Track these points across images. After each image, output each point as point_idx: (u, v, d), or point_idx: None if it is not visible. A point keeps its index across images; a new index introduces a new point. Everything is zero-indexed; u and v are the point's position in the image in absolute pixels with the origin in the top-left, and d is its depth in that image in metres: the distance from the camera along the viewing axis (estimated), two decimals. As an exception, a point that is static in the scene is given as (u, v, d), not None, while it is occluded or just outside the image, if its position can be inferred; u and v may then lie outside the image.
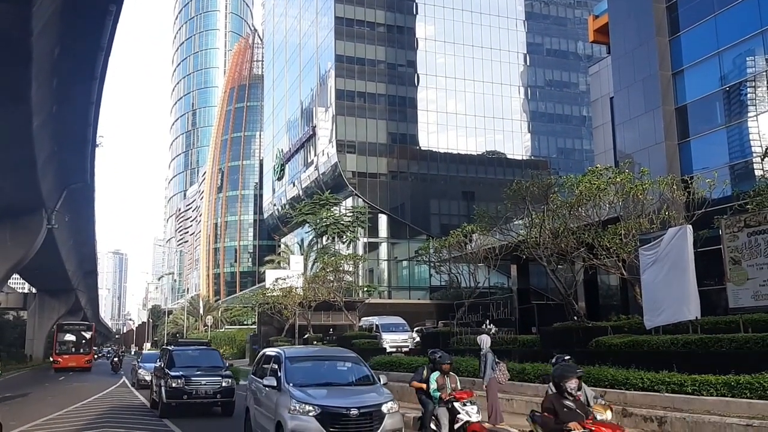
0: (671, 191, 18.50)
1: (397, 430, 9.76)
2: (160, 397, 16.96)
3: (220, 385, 16.75)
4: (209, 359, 18.62)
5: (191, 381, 16.61)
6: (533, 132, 72.95)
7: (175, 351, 18.61)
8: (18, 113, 20.81)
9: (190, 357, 18.50)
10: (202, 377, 16.82)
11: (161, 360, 19.00)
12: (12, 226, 31.27)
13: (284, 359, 10.75)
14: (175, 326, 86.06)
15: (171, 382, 16.45)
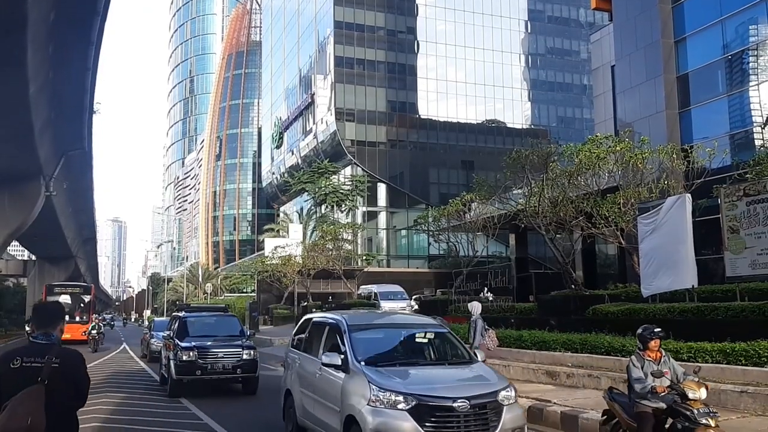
0: (671, 160, 18.49)
1: (519, 428, 7.11)
2: (168, 373, 14.36)
3: (241, 358, 13.98)
4: (227, 327, 15.84)
5: (206, 353, 13.94)
6: (533, 100, 72.51)
7: (188, 318, 15.76)
8: (14, 79, 20.62)
9: (205, 325, 15.90)
10: (218, 348, 14.15)
11: (170, 329, 16.29)
12: (10, 192, 31.22)
13: (346, 328, 7.88)
14: (175, 294, 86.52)
15: (182, 354, 13.79)
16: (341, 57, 64.49)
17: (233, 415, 11.87)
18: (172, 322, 16.81)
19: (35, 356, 4.11)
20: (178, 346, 14.12)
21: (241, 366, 13.97)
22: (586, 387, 12.12)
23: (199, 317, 16.42)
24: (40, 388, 3.94)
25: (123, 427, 10.25)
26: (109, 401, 13.13)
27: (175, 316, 17.34)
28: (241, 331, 15.76)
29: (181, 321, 15.46)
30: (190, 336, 14.68)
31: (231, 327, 15.95)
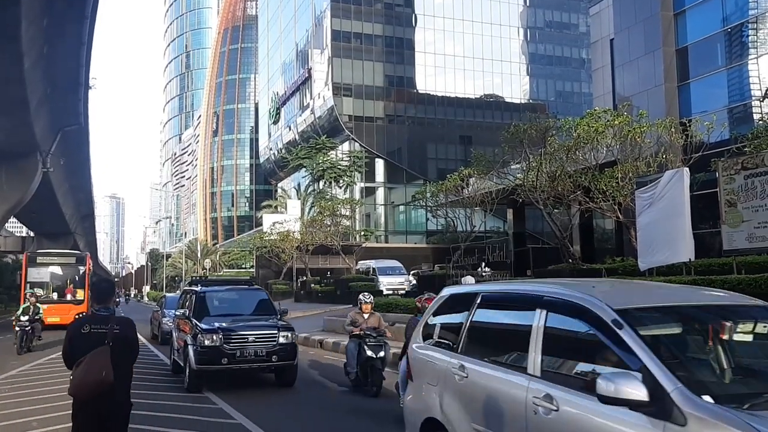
0: (669, 134, 18.46)
1: None
2: (186, 361, 11.49)
3: (276, 342, 11.38)
4: (255, 303, 13.27)
5: (234, 337, 11.26)
6: (532, 75, 72.08)
7: (206, 293, 12.99)
8: (8, 52, 20.47)
9: (228, 301, 13.30)
10: (249, 330, 11.55)
11: (184, 306, 13.56)
12: (7, 169, 31.17)
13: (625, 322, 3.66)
14: (174, 270, 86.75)
15: (203, 338, 11.10)
16: (338, 31, 63.92)
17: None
18: (184, 298, 14.06)
19: (100, 324, 5.21)
20: (197, 328, 11.39)
21: (277, 352, 11.34)
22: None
23: (219, 291, 13.60)
24: (106, 349, 5.02)
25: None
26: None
27: (188, 290, 14.17)
28: (272, 308, 13.00)
29: (198, 296, 12.66)
30: (211, 315, 12.11)
31: (259, 303, 13.24)
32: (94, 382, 4.90)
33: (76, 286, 29.18)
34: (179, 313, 13.30)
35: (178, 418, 9.04)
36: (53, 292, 28.74)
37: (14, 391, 11.54)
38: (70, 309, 26.74)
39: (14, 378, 13.25)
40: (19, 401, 10.38)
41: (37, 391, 11.35)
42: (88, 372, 4.92)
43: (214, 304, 12.83)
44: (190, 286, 14.72)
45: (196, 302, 12.51)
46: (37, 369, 14.73)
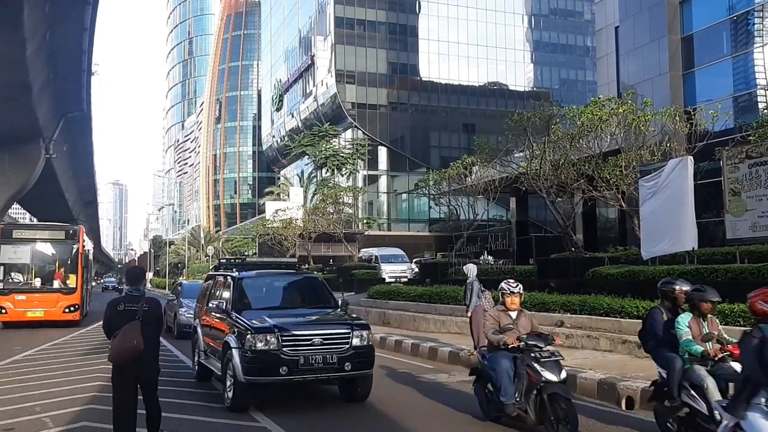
0: (673, 123, 18.35)
1: None
2: (226, 369, 8.81)
3: (350, 345, 8.65)
4: (308, 293, 10.68)
5: (295, 338, 8.50)
6: (536, 62, 71.74)
7: (245, 279, 10.09)
8: (11, 37, 20.42)
9: (275, 290, 10.50)
10: (314, 329, 8.91)
11: (213, 295, 10.76)
12: (10, 154, 31.19)
13: None
14: (177, 256, 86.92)
15: (255, 340, 8.35)
16: (341, 18, 63.59)
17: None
18: (213, 286, 11.19)
19: (132, 303, 6.46)
20: (244, 326, 8.60)
21: (351, 358, 8.54)
22: (585, 347, 12.25)
23: (263, 277, 10.65)
24: (137, 323, 6.25)
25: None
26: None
27: (218, 276, 11.21)
28: (330, 298, 10.23)
29: (238, 284, 9.85)
30: (254, 308, 9.43)
31: (314, 292, 10.58)
32: (128, 349, 6.15)
33: (67, 270, 22.22)
34: (212, 306, 10.12)
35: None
36: (36, 277, 22.04)
37: (17, 376, 11.59)
38: (58, 300, 21.32)
39: (18, 363, 13.32)
40: (23, 386, 10.43)
41: (38, 376, 11.41)
42: (123, 342, 6.18)
43: (258, 293, 10.11)
44: (219, 270, 11.63)
45: (236, 291, 9.68)
46: (41, 354, 14.80)
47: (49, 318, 21.24)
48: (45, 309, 21.25)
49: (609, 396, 8.79)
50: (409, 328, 17.51)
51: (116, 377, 6.36)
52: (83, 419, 7.97)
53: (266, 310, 9.30)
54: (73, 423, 7.81)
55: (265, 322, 8.62)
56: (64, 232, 23.47)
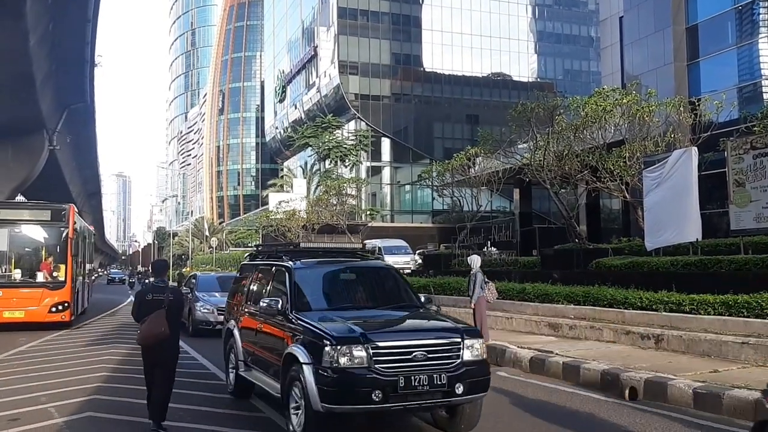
0: (678, 113, 18.26)
1: None
2: (288, 392, 6.76)
3: (460, 360, 6.55)
4: (383, 287, 8.48)
5: (391, 351, 6.39)
6: (540, 53, 71.44)
7: (303, 270, 7.95)
8: (14, 29, 20.39)
9: (342, 284, 8.45)
10: (412, 337, 6.72)
11: (254, 290, 8.82)
12: (14, 146, 31.19)
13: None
14: (181, 248, 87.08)
15: (335, 354, 6.24)
16: (344, 8, 63.35)
17: None
18: (253, 279, 9.03)
19: (158, 293, 7.22)
20: (314, 333, 6.57)
21: (464, 377, 6.43)
22: (588, 338, 12.26)
23: (324, 268, 8.46)
24: (163, 311, 7.03)
25: None
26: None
27: (256, 266, 9.28)
28: (411, 295, 8.17)
29: (293, 276, 7.72)
30: (320, 308, 7.44)
31: (389, 287, 8.40)
32: (156, 334, 6.96)
33: (54, 260, 18.34)
34: (263, 305, 7.59)
35: None
36: (15, 268, 18.15)
37: (22, 367, 11.65)
38: (42, 297, 17.41)
39: (23, 353, 13.38)
40: (28, 377, 10.48)
41: (43, 367, 11.46)
42: (151, 327, 6.96)
43: (322, 288, 8.12)
44: (257, 258, 9.72)
45: (293, 286, 7.57)
46: (45, 345, 14.86)
47: (31, 319, 17.21)
48: (26, 308, 17.19)
49: (612, 387, 8.80)
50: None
51: (144, 357, 7.27)
52: (88, 409, 8.01)
53: (336, 310, 7.32)
54: (78, 413, 7.85)
55: (346, 329, 6.49)
56: (49, 212, 18.78)
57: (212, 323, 16.06)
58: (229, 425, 7.41)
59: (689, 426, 7.07)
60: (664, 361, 9.66)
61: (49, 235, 18.69)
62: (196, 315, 16.72)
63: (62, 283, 17.91)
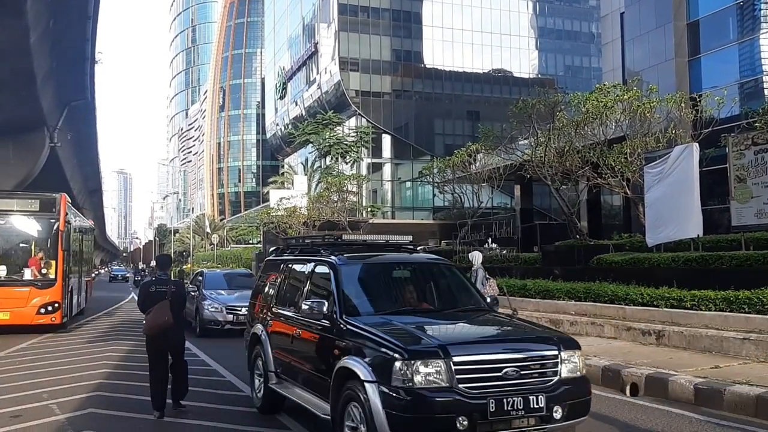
0: (679, 109, 18.26)
1: None
2: (342, 416, 5.62)
3: (558, 377, 5.43)
4: (444, 287, 7.35)
5: (475, 368, 5.23)
6: (541, 49, 71.31)
7: (351, 267, 6.97)
8: (14, 26, 20.34)
9: (394, 284, 7.32)
10: (499, 352, 5.45)
11: (286, 290, 7.86)
12: (15, 143, 31.16)
13: None
14: (182, 245, 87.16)
15: (409, 370, 5.06)
16: (345, 4, 63.20)
17: None
18: (278, 277, 8.05)
19: (162, 285, 7.76)
20: (377, 344, 5.48)
21: (563, 399, 5.36)
22: (589, 335, 12.27)
23: (375, 265, 7.35)
24: (167, 302, 7.53)
25: None
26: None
27: (286, 261, 8.09)
28: (475, 295, 7.24)
29: (339, 275, 6.60)
30: (374, 313, 6.35)
31: (449, 286, 7.35)
32: (160, 324, 7.45)
33: (44, 256, 16.63)
34: (306, 307, 6.44)
35: None
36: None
37: (23, 364, 11.66)
38: (30, 297, 15.86)
39: (24, 350, 13.39)
40: (30, 373, 10.50)
41: (44, 364, 11.48)
42: (156, 318, 7.46)
43: (372, 289, 6.99)
44: (285, 253, 8.53)
45: (340, 286, 6.44)
46: (47, 341, 14.87)
47: (17, 322, 15.57)
48: (11, 309, 15.56)
49: (613, 383, 8.81)
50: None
51: (150, 347, 7.69)
52: (90, 406, 8.03)
53: (394, 315, 6.22)
54: (80, 409, 7.86)
55: (419, 338, 5.52)
56: (38, 201, 17.13)
57: (221, 323, 15.66)
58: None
59: (691, 422, 7.07)
60: (665, 357, 9.67)
61: (38, 228, 16.89)
62: (204, 314, 16.00)
63: (52, 281, 16.25)
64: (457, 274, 7.54)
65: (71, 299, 18.62)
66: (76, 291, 20.06)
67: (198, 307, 16.40)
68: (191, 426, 7.26)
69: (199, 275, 19.74)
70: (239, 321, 14.74)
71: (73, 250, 19.20)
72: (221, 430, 7.08)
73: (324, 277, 6.90)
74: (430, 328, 5.95)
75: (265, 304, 8.20)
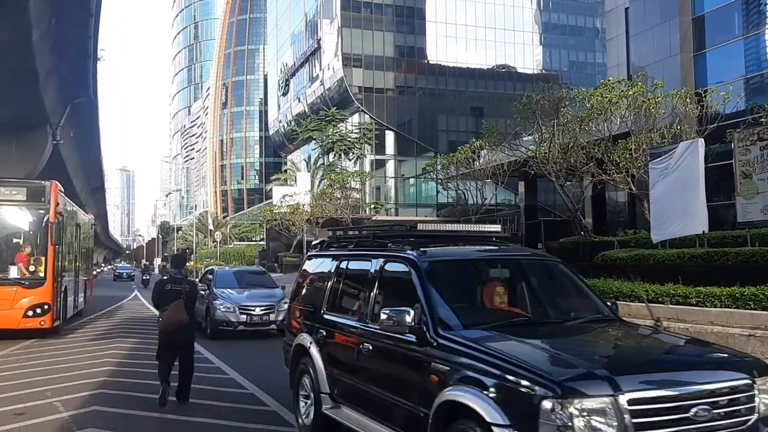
0: (684, 105, 18.16)
1: None
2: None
3: (757, 415, 3.96)
4: (554, 291, 6.13)
5: (654, 411, 3.70)
6: (545, 45, 71.12)
7: (441, 266, 5.55)
8: (16, 23, 20.35)
9: (491, 286, 5.41)
10: (680, 386, 3.89)
11: (339, 294, 6.45)
12: (17, 141, 31.21)
13: None
14: (185, 242, 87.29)
15: (564, 410, 3.57)
16: (348, 0, 63.14)
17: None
18: (328, 276, 6.73)
19: (176, 284, 8.25)
20: (502, 369, 4.01)
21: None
22: (594, 332, 12.19)
23: (463, 262, 5.96)
24: (181, 301, 8.07)
25: None
26: None
27: (336, 257, 6.83)
28: (598, 300, 5.85)
29: (418, 273, 5.20)
30: (469, 325, 4.92)
31: (564, 288, 6.07)
32: (176, 322, 8.00)
33: (32, 251, 14.83)
34: (385, 320, 4.96)
35: None
36: None
37: (27, 361, 11.66)
38: (16, 297, 14.08)
39: (28, 348, 13.38)
40: (33, 371, 10.49)
41: (50, 361, 11.47)
42: (172, 316, 8.01)
43: (468, 293, 5.73)
44: (334, 248, 7.15)
45: (426, 290, 5.05)
46: (51, 339, 14.88)
47: (1, 326, 13.84)
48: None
49: (619, 380, 8.73)
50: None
51: (162, 343, 8.20)
52: (94, 403, 8.01)
53: (507, 328, 4.90)
54: (83, 407, 7.84)
55: (572, 364, 4.13)
56: (25, 189, 15.33)
57: (234, 323, 14.80)
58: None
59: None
60: (671, 354, 9.60)
61: (26, 220, 15.07)
62: (215, 315, 14.99)
63: (41, 280, 14.48)
64: (569, 273, 6.05)
65: (65, 300, 16.79)
66: (72, 291, 18.22)
67: (209, 306, 15.43)
68: (198, 424, 7.24)
69: (209, 273, 18.67)
70: (252, 322, 14.91)
71: (68, 245, 17.54)
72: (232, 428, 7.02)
73: (401, 277, 5.47)
74: (570, 347, 4.63)
75: (310, 309, 6.88)
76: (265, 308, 15.08)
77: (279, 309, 14.79)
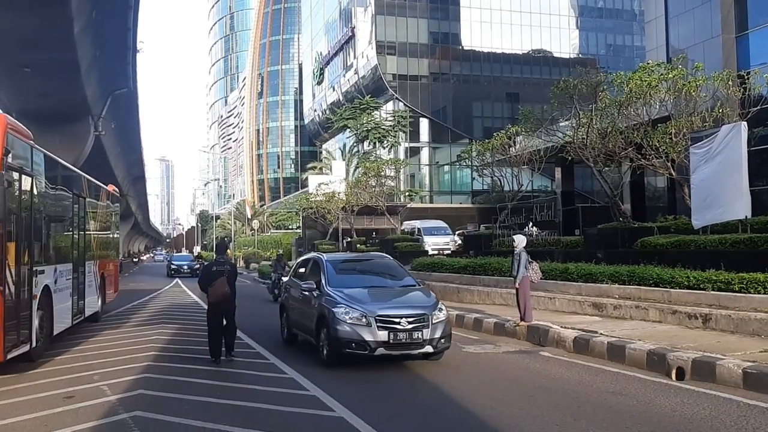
0: (726, 87, 17.70)
1: None
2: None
3: None
4: None
5: None
6: (581, 28, 69.92)
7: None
8: (59, 16, 20.84)
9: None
10: None
11: None
12: (61, 132, 31.98)
13: None
14: (223, 230, 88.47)
15: None
16: (382, -13, 62.94)
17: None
18: None
19: (220, 266, 10.46)
20: None
21: None
22: (633, 318, 12.09)
23: None
24: (224, 278, 10.29)
25: None
26: None
27: None
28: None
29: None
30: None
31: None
32: (220, 294, 10.25)
33: None
34: None
35: None
36: None
37: (75, 346, 12.02)
38: None
39: (73, 333, 13.80)
40: (82, 356, 10.82)
41: (97, 346, 11.81)
42: (217, 290, 10.21)
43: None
44: None
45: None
46: (95, 325, 15.30)
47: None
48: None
49: (659, 367, 8.67)
50: (452, 300, 17.52)
51: (210, 310, 10.46)
52: (140, 387, 8.23)
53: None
54: (130, 391, 8.07)
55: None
56: None
57: (368, 344, 9.11)
58: None
59: (739, 406, 6.93)
60: (712, 341, 9.47)
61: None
62: (337, 329, 9.29)
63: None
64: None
65: (47, 314, 10.68)
66: (68, 296, 12.45)
67: (323, 315, 9.79)
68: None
69: (305, 264, 12.27)
70: (398, 341, 9.15)
71: (53, 224, 11.63)
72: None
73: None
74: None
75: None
76: (415, 320, 9.23)
77: (434, 321, 9.36)
